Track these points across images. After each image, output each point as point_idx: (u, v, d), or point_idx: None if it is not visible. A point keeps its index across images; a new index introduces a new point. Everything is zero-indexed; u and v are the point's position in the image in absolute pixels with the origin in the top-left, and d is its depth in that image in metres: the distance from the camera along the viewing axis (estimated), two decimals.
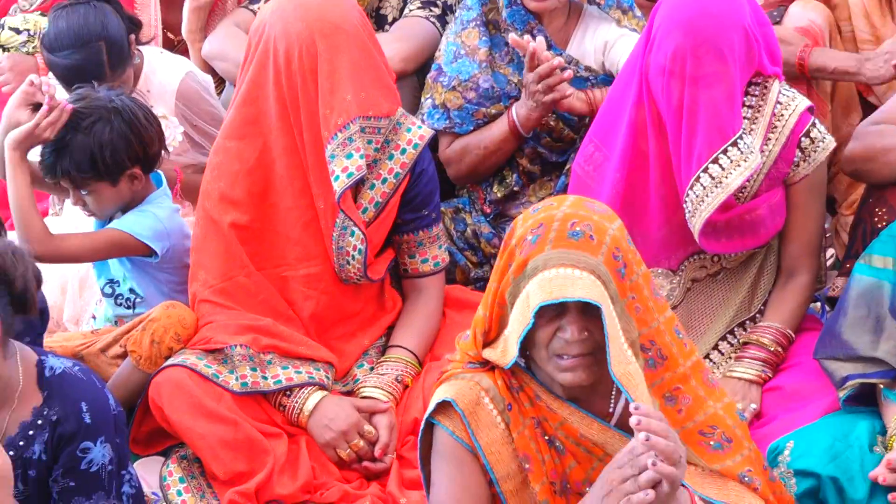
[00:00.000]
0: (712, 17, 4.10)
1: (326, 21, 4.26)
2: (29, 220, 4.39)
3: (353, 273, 4.38)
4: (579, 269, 3.21)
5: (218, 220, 4.38)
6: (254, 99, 4.38)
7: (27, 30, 5.78)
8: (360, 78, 4.25)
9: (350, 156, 4.19)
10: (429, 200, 4.51)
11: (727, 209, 4.19)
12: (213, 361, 4.22)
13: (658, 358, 3.42)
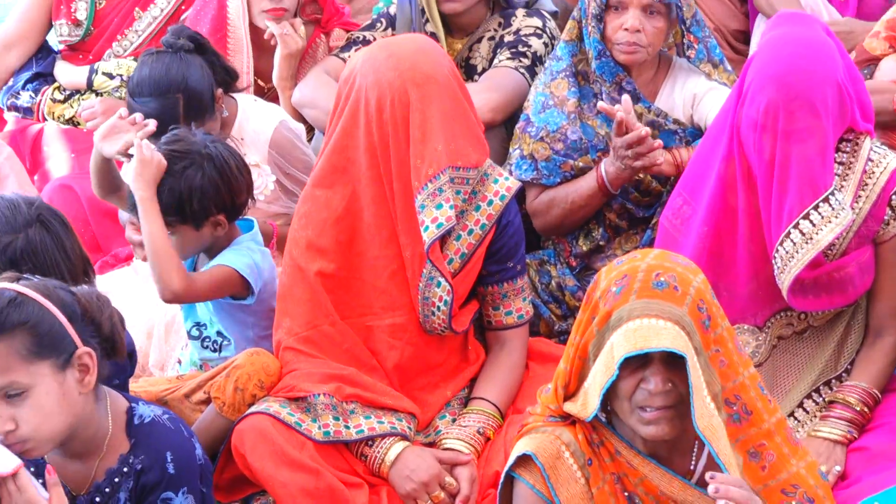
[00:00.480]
0: (806, 72, 4.07)
1: (419, 71, 4.25)
2: (167, 260, 4.37)
3: (438, 324, 4.37)
4: (664, 319, 3.23)
5: (304, 269, 4.38)
6: (343, 147, 4.39)
7: (119, 75, 5.87)
8: (451, 128, 4.24)
9: (440, 206, 4.18)
10: (514, 252, 4.48)
11: (816, 266, 4.15)
12: (296, 410, 4.21)
13: (743, 413, 3.41)
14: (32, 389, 3.29)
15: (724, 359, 3.37)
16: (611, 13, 4.81)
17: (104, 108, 5.80)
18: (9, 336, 3.27)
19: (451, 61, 4.45)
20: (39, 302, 3.34)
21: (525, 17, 5.41)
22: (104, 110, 5.79)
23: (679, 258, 3.46)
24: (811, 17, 5.01)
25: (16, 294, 3.33)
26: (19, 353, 3.28)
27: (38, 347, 3.30)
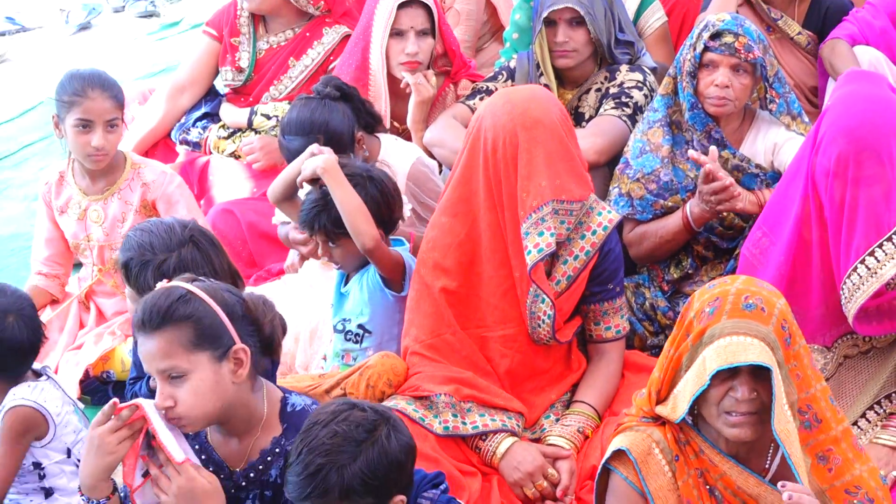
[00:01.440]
0: (873, 126, 4.04)
1: (528, 116, 4.28)
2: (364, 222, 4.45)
3: (544, 335, 4.38)
4: (752, 336, 3.25)
5: (430, 285, 4.42)
6: (466, 181, 4.42)
7: (276, 116, 5.92)
8: (555, 166, 4.26)
9: (542, 234, 4.20)
10: (614, 276, 4.49)
11: (878, 296, 4.10)
12: (420, 407, 4.24)
13: (814, 421, 3.42)
14: (191, 374, 3.36)
15: (800, 372, 3.38)
16: (703, 71, 4.79)
17: (262, 145, 5.87)
18: (175, 327, 3.34)
19: (561, 108, 4.45)
20: (205, 300, 3.41)
21: (628, 72, 5.41)
22: (261, 146, 5.86)
23: (764, 284, 3.46)
24: (878, 75, 5.00)
25: (186, 291, 3.40)
26: (182, 342, 3.35)
27: (199, 339, 3.37)
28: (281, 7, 6.08)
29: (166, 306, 3.35)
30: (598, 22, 5.34)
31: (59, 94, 5.08)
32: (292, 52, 6.11)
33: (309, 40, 6.11)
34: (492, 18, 6.83)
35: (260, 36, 6.17)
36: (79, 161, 5.16)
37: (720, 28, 4.78)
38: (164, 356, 3.34)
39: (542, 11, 5.32)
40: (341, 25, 6.09)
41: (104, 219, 5.20)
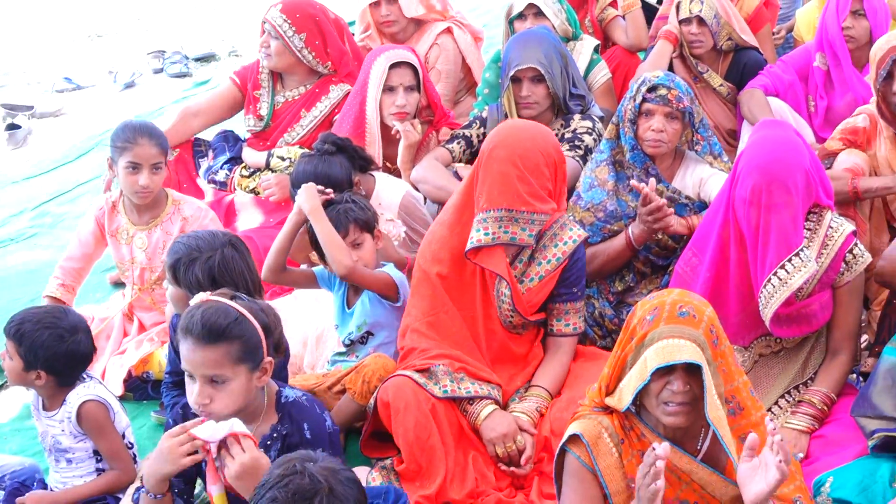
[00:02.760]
0: (781, 162, 4.06)
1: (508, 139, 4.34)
2: (339, 244, 4.51)
3: (506, 311, 4.42)
4: (685, 339, 3.28)
5: (428, 271, 4.45)
6: (467, 192, 4.46)
7: (289, 158, 5.92)
8: (507, 182, 4.28)
9: (478, 230, 4.29)
10: (578, 281, 4.51)
11: (789, 305, 4.12)
12: (422, 376, 4.24)
13: (737, 409, 3.44)
14: (230, 382, 3.38)
15: (726, 368, 3.39)
16: (642, 118, 4.80)
17: (277, 181, 5.85)
18: (228, 343, 3.37)
19: (548, 145, 4.42)
20: (252, 322, 3.43)
21: (580, 120, 5.41)
22: (277, 182, 5.84)
23: (694, 295, 3.47)
24: (786, 123, 5.01)
25: (238, 314, 3.41)
26: (231, 356, 3.37)
27: (244, 355, 3.39)
28: (295, 66, 6.08)
29: (224, 325, 3.36)
30: (556, 79, 5.33)
31: (113, 140, 5.10)
32: (304, 104, 6.10)
33: (318, 95, 6.11)
34: (467, 76, 6.83)
35: (278, 90, 6.18)
36: (128, 197, 5.15)
37: (656, 83, 4.79)
38: (215, 366, 3.36)
39: (510, 71, 5.32)
40: (345, 84, 6.09)
41: (147, 245, 5.20)
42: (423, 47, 6.58)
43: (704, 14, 6.06)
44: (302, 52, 6.00)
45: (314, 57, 6.03)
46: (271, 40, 6.02)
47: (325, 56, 6.07)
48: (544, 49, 5.37)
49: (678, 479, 3.42)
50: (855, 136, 5.13)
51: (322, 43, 6.04)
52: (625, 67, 6.55)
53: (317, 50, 6.03)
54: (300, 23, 5.98)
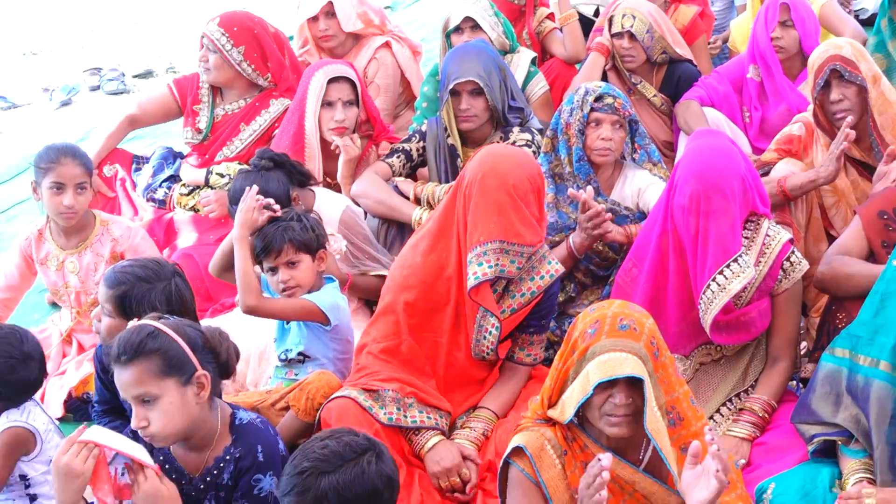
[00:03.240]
0: (718, 169, 4.10)
1: (495, 168, 4.22)
2: (249, 282, 4.46)
3: (486, 347, 4.34)
4: (626, 352, 3.28)
5: (395, 300, 4.36)
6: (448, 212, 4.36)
7: (228, 174, 5.90)
8: (504, 213, 4.18)
9: (480, 264, 4.15)
10: (548, 315, 4.47)
11: (728, 312, 4.15)
12: (368, 398, 4.18)
13: (677, 419, 3.44)
14: (161, 398, 3.36)
15: (666, 379, 3.40)
16: (590, 127, 4.84)
17: (216, 198, 5.83)
18: (146, 358, 3.34)
19: (531, 172, 4.33)
20: (170, 335, 3.41)
21: (519, 132, 5.41)
22: (216, 199, 5.82)
23: (635, 307, 3.48)
24: (720, 132, 5.08)
25: (154, 328, 3.40)
26: (152, 371, 3.35)
27: (167, 368, 3.36)
28: (234, 80, 6.07)
29: (138, 341, 3.35)
30: (495, 92, 5.34)
31: (36, 163, 5.07)
32: (243, 118, 6.09)
33: (258, 109, 6.10)
34: (406, 91, 6.82)
35: (217, 104, 6.17)
36: (53, 220, 5.13)
37: (602, 92, 4.84)
38: (138, 383, 3.34)
39: (449, 84, 5.32)
40: (285, 98, 6.08)
41: (79, 269, 5.18)
42: (361, 62, 6.57)
43: (636, 29, 6.08)
44: (241, 65, 5.99)
45: (253, 70, 6.02)
46: (210, 54, 6.01)
47: (265, 69, 6.05)
48: (483, 62, 5.38)
49: (621, 489, 3.42)
50: (791, 146, 5.19)
51: (261, 56, 6.03)
52: (563, 80, 6.57)
53: (256, 63, 6.02)
54: (238, 36, 5.97)
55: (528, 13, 6.91)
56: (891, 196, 4.45)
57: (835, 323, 4.27)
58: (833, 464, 3.87)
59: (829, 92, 4.98)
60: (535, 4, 6.96)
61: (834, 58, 4.95)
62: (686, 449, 3.28)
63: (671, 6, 6.89)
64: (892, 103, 5.04)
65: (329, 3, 6.50)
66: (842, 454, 3.84)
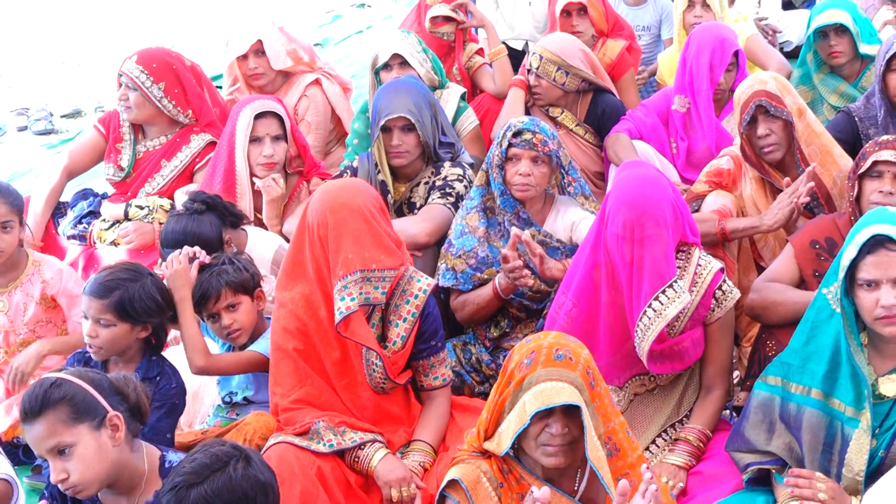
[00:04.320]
0: (649, 197, 4.12)
1: (336, 201, 4.22)
2: (196, 343, 4.40)
3: (378, 378, 4.30)
4: (563, 381, 3.29)
5: (284, 347, 4.30)
6: (299, 261, 4.33)
7: (147, 206, 5.87)
8: (361, 241, 4.19)
9: (343, 299, 4.12)
10: (435, 334, 4.42)
11: (662, 341, 4.16)
12: (304, 439, 4.14)
13: (614, 449, 3.46)
14: (76, 446, 3.32)
15: (602, 409, 3.42)
16: (509, 163, 4.85)
17: (135, 229, 5.80)
18: (53, 409, 3.31)
19: (371, 196, 4.36)
20: (73, 381, 3.38)
21: (451, 167, 5.41)
22: (134, 229, 5.79)
23: (570, 338, 3.49)
24: (647, 162, 5.12)
25: (56, 378, 3.38)
26: (62, 420, 3.32)
27: (77, 414, 3.33)
28: (155, 117, 6.03)
29: (42, 393, 3.32)
30: (426, 128, 5.35)
31: None
32: (164, 154, 6.06)
33: (179, 145, 6.07)
34: (337, 127, 6.83)
35: (139, 140, 6.13)
36: None
37: (520, 128, 4.85)
38: (51, 435, 3.30)
39: (380, 120, 5.31)
40: (206, 133, 6.07)
41: (8, 308, 5.12)
42: (291, 99, 6.57)
43: (541, 70, 6.12)
44: (162, 101, 5.95)
45: (174, 106, 5.99)
46: (130, 92, 5.96)
47: (186, 104, 6.02)
48: (413, 98, 5.39)
49: None
50: (720, 178, 5.24)
51: (181, 91, 6.00)
52: (493, 114, 6.59)
53: (177, 98, 5.98)
54: (157, 72, 5.94)
55: (457, 48, 6.96)
56: (823, 226, 4.53)
57: (765, 351, 4.32)
58: (768, 492, 3.92)
59: (755, 126, 5.05)
60: (464, 40, 7.02)
61: (759, 93, 5.03)
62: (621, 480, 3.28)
63: (599, 41, 6.96)
64: (818, 134, 5.13)
65: (258, 41, 6.50)
66: (776, 482, 3.89)
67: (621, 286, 4.16)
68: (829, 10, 6.36)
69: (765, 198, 5.12)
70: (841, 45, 6.33)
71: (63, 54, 11.40)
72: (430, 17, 6.89)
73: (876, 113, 5.57)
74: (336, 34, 11.44)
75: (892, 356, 3.81)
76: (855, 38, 6.32)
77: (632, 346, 4.17)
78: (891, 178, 4.44)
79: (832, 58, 6.37)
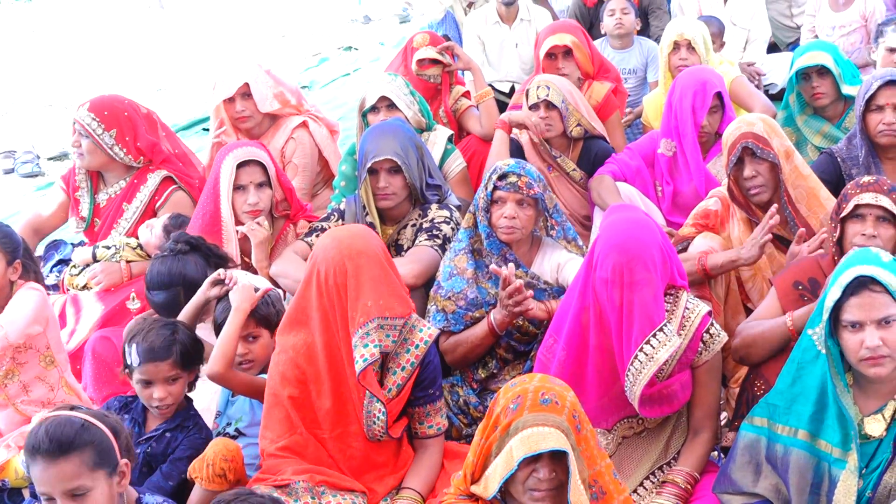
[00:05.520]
0: (637, 240, 4.12)
1: (352, 248, 4.23)
2: (228, 350, 4.48)
3: (378, 431, 4.28)
4: (549, 426, 3.30)
5: (279, 394, 4.30)
6: (301, 308, 4.34)
7: (114, 246, 5.88)
8: (378, 288, 4.20)
9: (366, 346, 4.12)
10: (433, 383, 4.42)
11: (651, 385, 4.15)
12: (281, 494, 4.10)
13: (600, 493, 3.47)
14: (92, 491, 3.34)
15: (588, 452, 3.42)
16: (494, 206, 4.86)
17: (102, 269, 5.82)
18: (80, 452, 3.31)
19: (380, 241, 4.41)
20: (99, 426, 3.39)
21: (437, 209, 5.44)
22: (102, 270, 5.81)
23: (556, 381, 3.50)
24: (633, 205, 5.13)
25: (84, 420, 3.37)
26: (87, 464, 3.32)
27: (100, 460, 3.35)
28: (108, 164, 6.07)
29: (72, 435, 3.31)
30: (413, 170, 5.37)
31: None
32: (124, 198, 6.09)
33: (137, 186, 6.09)
34: (324, 170, 6.86)
35: (100, 189, 6.17)
36: None
37: (506, 171, 4.86)
38: (73, 478, 3.30)
39: (367, 163, 5.34)
40: (162, 169, 6.10)
41: None
42: (279, 142, 6.59)
43: (552, 97, 6.17)
44: (113, 149, 5.97)
45: (126, 153, 6.01)
46: (82, 139, 5.99)
47: (136, 152, 6.04)
48: (400, 140, 5.42)
49: None
50: (708, 220, 5.27)
51: (132, 138, 6.02)
52: (480, 156, 6.65)
53: (128, 146, 6.00)
54: (109, 120, 5.96)
55: (444, 91, 7.01)
56: (806, 267, 4.55)
57: (753, 391, 4.33)
58: None
59: (742, 168, 5.09)
60: (450, 83, 7.07)
61: (746, 135, 5.08)
62: None
63: (585, 83, 7.01)
64: (805, 177, 5.17)
65: (245, 84, 6.53)
66: None
67: (610, 329, 4.16)
68: (810, 52, 6.44)
69: None
70: (823, 86, 6.40)
71: (50, 97, 11.42)
72: (417, 59, 6.95)
73: (857, 153, 5.62)
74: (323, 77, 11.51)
75: (877, 396, 3.83)
76: (837, 79, 6.38)
77: (620, 389, 4.17)
78: (873, 221, 4.47)
79: (815, 99, 6.45)
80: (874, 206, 4.45)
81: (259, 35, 13.77)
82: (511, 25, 8.66)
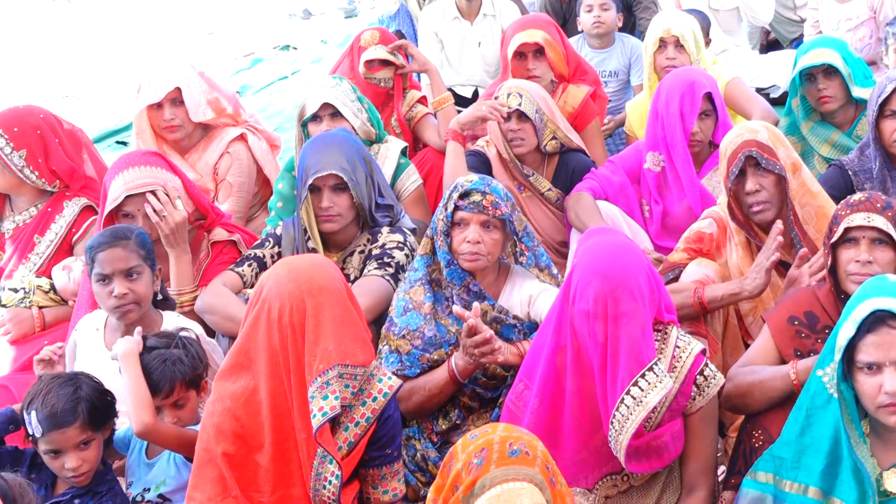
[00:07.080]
0: (622, 267, 4.09)
1: (314, 283, 4.17)
2: (143, 397, 4.42)
3: (328, 497, 4.20)
4: (522, 480, 3.23)
5: (213, 450, 4.22)
6: (245, 349, 4.26)
7: (23, 288, 5.82)
8: (341, 331, 4.15)
9: (326, 397, 4.06)
10: (392, 441, 4.37)
11: (639, 436, 4.13)
12: None
13: None
14: None
15: None
16: (456, 229, 4.84)
17: (11, 317, 5.78)
18: None
19: (341, 275, 4.34)
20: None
21: (389, 233, 5.42)
22: (10, 318, 5.77)
23: (521, 429, 3.46)
24: (615, 228, 5.11)
25: None
26: None
27: None
28: (19, 186, 5.99)
29: None
30: (360, 187, 5.35)
31: None
32: (36, 229, 6.00)
33: (51, 215, 6.01)
34: (262, 189, 6.82)
35: (6, 215, 6.10)
36: None
37: (468, 188, 4.83)
38: None
39: (308, 179, 5.31)
40: (81, 197, 6.01)
41: None
42: (212, 156, 6.55)
43: (524, 107, 6.14)
44: (23, 171, 5.90)
45: (38, 177, 5.93)
46: None
47: (51, 175, 5.97)
48: (346, 153, 5.39)
49: None
50: (701, 245, 5.24)
51: (45, 160, 5.94)
52: (438, 171, 6.59)
53: (40, 169, 5.93)
54: (19, 138, 5.88)
55: (396, 97, 6.99)
56: (801, 300, 4.50)
57: (751, 443, 4.29)
58: None
59: (744, 181, 5.05)
60: (404, 87, 7.04)
61: (749, 143, 5.03)
62: None
63: (559, 87, 7.00)
64: (814, 194, 5.12)
65: (177, 88, 6.46)
66: None
67: (590, 371, 4.13)
68: (815, 50, 6.41)
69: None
70: (830, 88, 6.39)
71: None
72: (365, 60, 6.93)
73: (871, 165, 5.61)
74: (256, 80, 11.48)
75: None
76: (846, 80, 6.36)
77: (602, 439, 4.15)
78: (867, 245, 4.39)
79: (821, 103, 6.43)
80: (867, 227, 4.37)
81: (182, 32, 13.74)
82: (473, 21, 8.67)
